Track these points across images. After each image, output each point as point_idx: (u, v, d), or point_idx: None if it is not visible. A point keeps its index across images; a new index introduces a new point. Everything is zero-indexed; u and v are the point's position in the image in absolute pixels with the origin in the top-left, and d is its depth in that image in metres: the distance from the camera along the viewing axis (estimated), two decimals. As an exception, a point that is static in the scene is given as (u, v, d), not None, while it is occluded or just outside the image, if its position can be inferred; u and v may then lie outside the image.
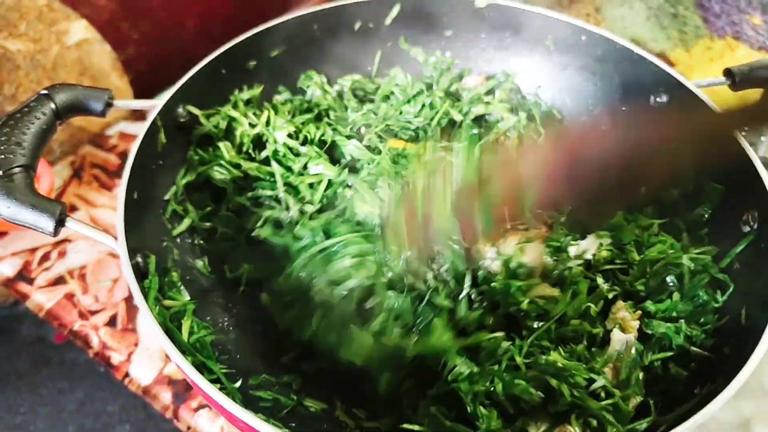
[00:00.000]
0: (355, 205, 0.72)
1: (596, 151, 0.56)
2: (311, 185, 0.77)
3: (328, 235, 0.69)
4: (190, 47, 1.34)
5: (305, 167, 0.79)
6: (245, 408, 0.50)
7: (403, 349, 0.61)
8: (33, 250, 0.99)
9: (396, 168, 0.77)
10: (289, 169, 0.80)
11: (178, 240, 0.76)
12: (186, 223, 0.76)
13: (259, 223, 0.75)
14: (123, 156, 1.14)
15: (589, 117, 0.93)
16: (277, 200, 0.78)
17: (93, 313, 0.92)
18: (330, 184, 0.77)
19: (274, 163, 0.79)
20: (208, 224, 0.78)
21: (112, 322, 0.90)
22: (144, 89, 1.26)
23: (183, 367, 0.51)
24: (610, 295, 0.70)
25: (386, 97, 0.92)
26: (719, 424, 0.75)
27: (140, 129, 0.68)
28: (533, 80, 0.96)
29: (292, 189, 0.78)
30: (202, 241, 0.78)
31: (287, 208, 0.76)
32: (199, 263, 0.76)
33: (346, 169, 0.78)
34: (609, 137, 0.57)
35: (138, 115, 1.23)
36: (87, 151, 1.15)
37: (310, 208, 0.75)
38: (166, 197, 0.75)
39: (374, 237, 0.67)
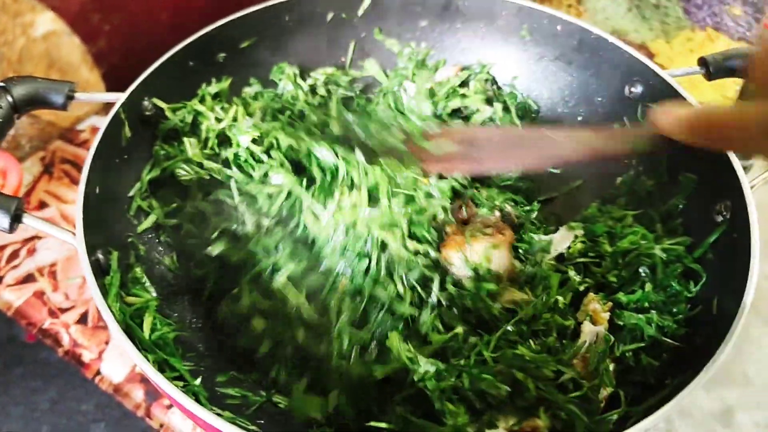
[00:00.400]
0: (307, 221, 0.69)
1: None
2: (270, 196, 0.73)
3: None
4: (164, 40, 1.31)
5: (266, 175, 0.76)
6: (210, 405, 0.49)
7: (366, 375, 0.61)
8: (1, 248, 0.96)
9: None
10: (249, 176, 0.77)
11: (145, 237, 0.75)
12: (151, 219, 0.74)
13: (213, 235, 0.72)
14: (95, 151, 1.12)
15: (566, 108, 0.92)
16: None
17: (63, 310, 0.90)
18: (289, 195, 0.72)
19: (233, 169, 0.77)
20: (173, 221, 0.76)
21: (83, 320, 0.89)
22: (117, 83, 1.23)
23: (141, 364, 0.50)
24: (582, 288, 0.69)
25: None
26: (703, 412, 0.76)
27: (101, 127, 0.66)
28: (509, 71, 0.95)
29: (251, 198, 0.74)
30: (168, 239, 0.76)
31: (243, 222, 0.72)
32: (167, 260, 0.74)
33: (304, 180, 0.74)
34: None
35: (110, 109, 1.21)
36: (57, 146, 1.13)
37: (265, 222, 0.71)
38: (131, 193, 0.73)
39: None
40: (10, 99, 0.60)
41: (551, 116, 0.94)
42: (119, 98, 0.69)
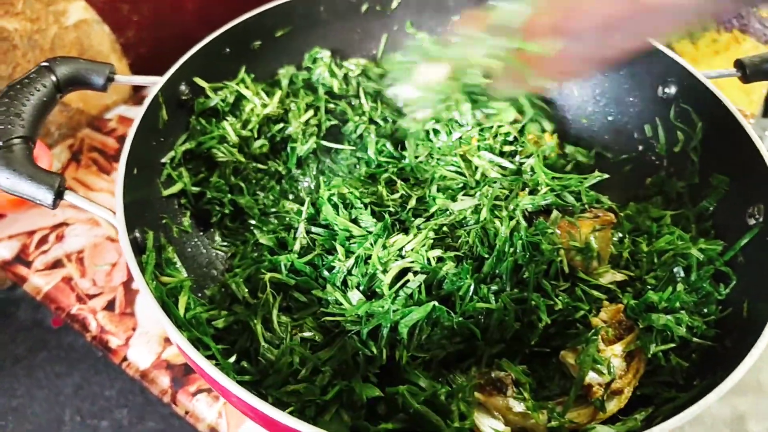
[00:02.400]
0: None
1: None
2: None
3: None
4: (190, 31, 1.32)
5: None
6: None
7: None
8: (31, 233, 0.97)
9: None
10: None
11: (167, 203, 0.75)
12: (178, 186, 0.74)
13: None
14: (122, 140, 1.13)
15: (597, 108, 0.92)
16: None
17: (91, 296, 0.90)
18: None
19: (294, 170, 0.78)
20: (197, 189, 0.77)
21: (110, 306, 0.89)
22: (143, 73, 1.24)
23: (178, 341, 0.50)
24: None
25: None
26: (714, 419, 0.75)
27: (140, 110, 0.67)
28: (540, 68, 0.94)
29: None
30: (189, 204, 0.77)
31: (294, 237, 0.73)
32: (185, 222, 0.76)
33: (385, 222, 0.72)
34: None
35: (137, 99, 1.22)
36: (85, 134, 1.14)
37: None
38: (163, 160, 0.74)
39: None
40: (53, 78, 0.60)
41: (581, 114, 0.93)
42: (158, 82, 0.69)
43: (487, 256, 0.67)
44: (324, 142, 0.87)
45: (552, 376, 0.64)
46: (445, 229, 0.70)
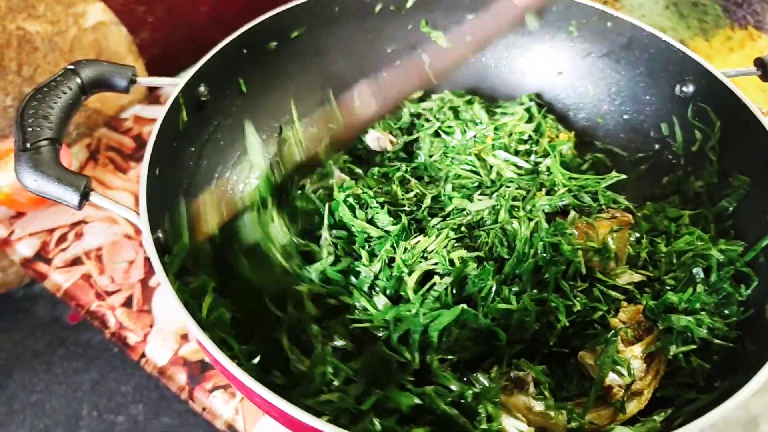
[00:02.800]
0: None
1: None
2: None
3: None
4: (203, 32, 1.34)
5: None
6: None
7: None
8: (50, 231, 0.99)
9: None
10: None
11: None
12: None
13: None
14: (138, 139, 1.14)
15: (612, 106, 0.92)
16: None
17: (109, 293, 0.92)
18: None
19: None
20: None
21: (128, 303, 0.91)
22: (157, 74, 1.26)
23: (202, 340, 0.51)
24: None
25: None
26: (727, 421, 0.75)
27: (155, 112, 0.68)
28: (554, 66, 0.95)
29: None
30: None
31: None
32: None
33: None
34: None
35: (152, 99, 1.23)
36: (103, 133, 1.15)
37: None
38: None
39: None
40: (79, 81, 0.61)
41: (596, 113, 0.93)
42: (178, 83, 0.70)
43: (507, 256, 0.67)
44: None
45: (570, 376, 0.64)
46: (463, 229, 0.70)
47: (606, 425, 0.59)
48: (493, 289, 0.64)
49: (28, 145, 0.54)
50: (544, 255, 0.67)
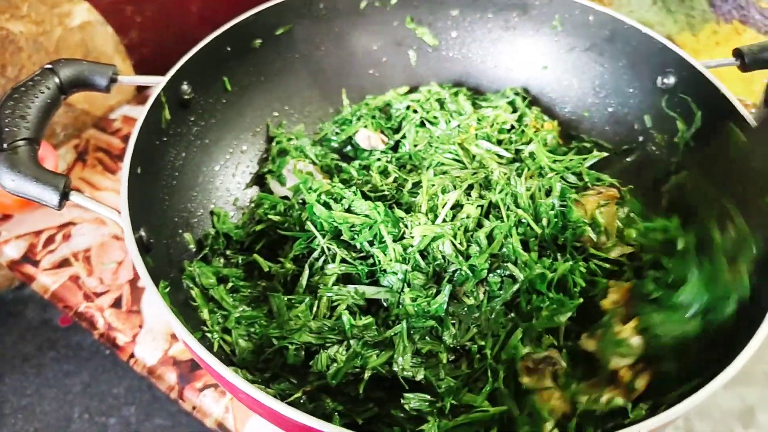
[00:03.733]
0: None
1: None
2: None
3: None
4: (193, 32, 1.33)
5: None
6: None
7: None
8: (38, 233, 0.99)
9: None
10: None
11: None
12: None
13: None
14: (126, 139, 1.12)
15: (596, 99, 0.92)
16: None
17: (98, 294, 0.92)
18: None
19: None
20: None
21: (116, 304, 0.90)
22: (147, 74, 1.25)
23: (183, 336, 0.51)
24: None
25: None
26: (723, 412, 0.75)
27: (143, 109, 0.68)
28: (539, 61, 0.95)
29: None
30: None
31: None
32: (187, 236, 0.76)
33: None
34: None
35: (141, 99, 1.23)
36: (91, 134, 1.15)
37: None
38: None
39: None
40: (57, 80, 0.61)
41: (581, 106, 0.94)
42: (160, 82, 0.70)
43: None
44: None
45: (576, 361, 0.64)
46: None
47: (622, 405, 0.59)
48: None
49: (5, 145, 0.54)
50: (557, 220, 0.69)
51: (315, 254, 0.70)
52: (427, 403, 0.59)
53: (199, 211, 0.80)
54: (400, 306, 0.64)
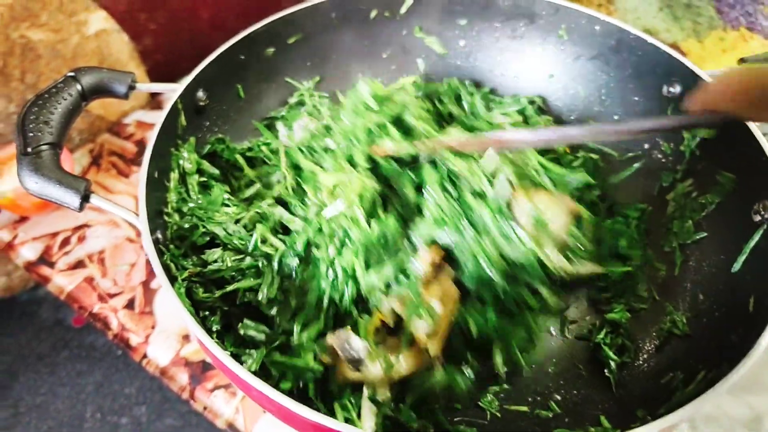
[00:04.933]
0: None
1: None
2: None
3: None
4: (204, 38, 1.36)
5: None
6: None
7: None
8: (54, 235, 1.01)
9: None
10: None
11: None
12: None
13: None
14: (140, 144, 1.16)
15: (602, 108, 0.93)
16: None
17: (112, 296, 0.93)
18: None
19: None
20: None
21: (130, 305, 0.92)
22: (159, 80, 1.28)
23: (197, 333, 0.53)
24: None
25: None
26: (731, 420, 0.75)
27: (157, 117, 0.70)
28: (545, 69, 0.96)
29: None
30: None
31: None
32: None
33: None
34: None
35: (154, 104, 1.25)
36: (105, 139, 1.17)
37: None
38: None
39: None
40: (79, 87, 0.63)
41: (587, 115, 0.95)
42: (177, 89, 0.72)
43: None
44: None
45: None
46: None
47: (417, 368, 0.62)
48: None
49: (30, 149, 0.56)
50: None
51: (273, 176, 0.79)
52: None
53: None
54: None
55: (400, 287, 0.65)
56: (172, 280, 0.58)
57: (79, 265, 0.97)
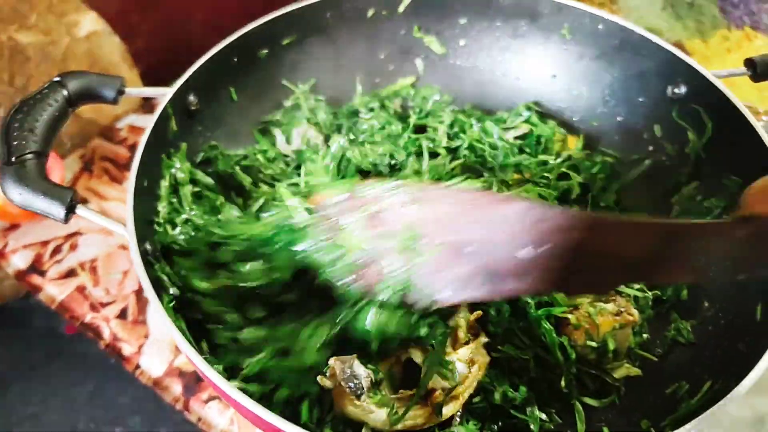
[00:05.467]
0: None
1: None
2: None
3: None
4: (199, 40, 1.33)
5: None
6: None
7: None
8: (45, 243, 0.99)
9: None
10: None
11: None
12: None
13: None
14: (133, 149, 1.14)
15: (606, 108, 0.91)
16: None
17: (104, 305, 0.91)
18: None
19: None
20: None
21: (122, 315, 0.90)
22: (153, 82, 1.26)
23: (187, 352, 0.51)
24: None
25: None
26: (734, 420, 0.74)
27: (150, 121, 0.67)
28: (548, 69, 0.94)
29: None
30: None
31: None
32: None
33: None
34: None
35: (148, 108, 1.23)
36: (97, 144, 1.15)
37: None
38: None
39: None
40: (65, 93, 0.61)
41: (590, 116, 0.93)
42: (167, 93, 0.70)
43: None
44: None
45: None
46: None
47: (423, 425, 0.59)
48: None
49: (13, 158, 0.54)
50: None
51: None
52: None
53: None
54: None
55: (425, 337, 0.62)
56: (160, 292, 0.55)
57: (70, 273, 0.95)
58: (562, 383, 0.64)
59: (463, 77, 0.98)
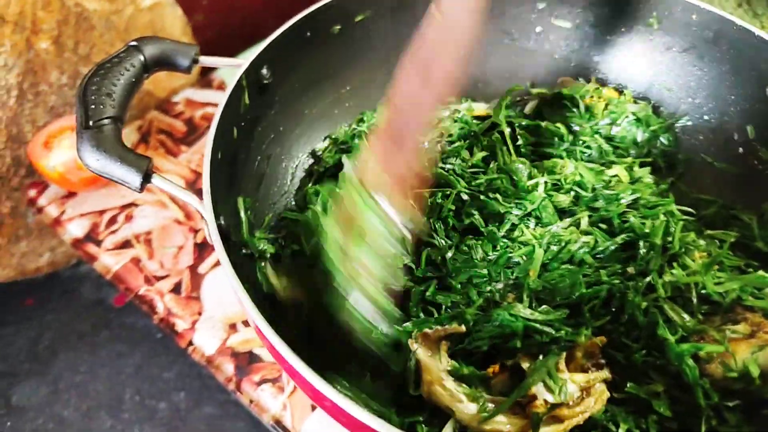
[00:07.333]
0: None
1: None
2: None
3: None
4: (257, 18, 1.32)
5: None
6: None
7: None
8: (101, 212, 0.98)
9: None
10: None
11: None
12: None
13: None
14: (189, 123, 1.12)
15: (691, 106, 0.85)
16: None
17: (158, 278, 0.90)
18: None
19: None
20: None
21: (176, 289, 0.89)
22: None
23: (259, 323, 0.48)
24: None
25: None
26: None
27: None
28: (628, 60, 0.89)
29: None
30: None
31: None
32: None
33: None
34: None
35: (204, 83, 1.22)
36: (154, 116, 1.14)
37: None
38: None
39: None
40: (142, 58, 0.59)
41: (673, 112, 0.87)
42: (243, 64, 0.67)
43: None
44: None
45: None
46: None
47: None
48: None
49: (91, 123, 0.52)
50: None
51: None
52: None
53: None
54: None
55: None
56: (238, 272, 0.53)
57: (125, 244, 0.94)
58: (702, 429, 0.57)
59: (539, 62, 0.93)
